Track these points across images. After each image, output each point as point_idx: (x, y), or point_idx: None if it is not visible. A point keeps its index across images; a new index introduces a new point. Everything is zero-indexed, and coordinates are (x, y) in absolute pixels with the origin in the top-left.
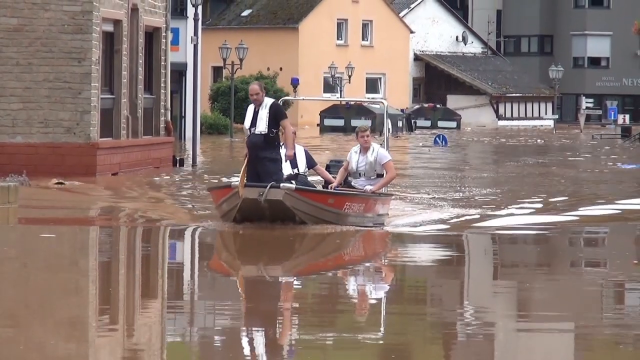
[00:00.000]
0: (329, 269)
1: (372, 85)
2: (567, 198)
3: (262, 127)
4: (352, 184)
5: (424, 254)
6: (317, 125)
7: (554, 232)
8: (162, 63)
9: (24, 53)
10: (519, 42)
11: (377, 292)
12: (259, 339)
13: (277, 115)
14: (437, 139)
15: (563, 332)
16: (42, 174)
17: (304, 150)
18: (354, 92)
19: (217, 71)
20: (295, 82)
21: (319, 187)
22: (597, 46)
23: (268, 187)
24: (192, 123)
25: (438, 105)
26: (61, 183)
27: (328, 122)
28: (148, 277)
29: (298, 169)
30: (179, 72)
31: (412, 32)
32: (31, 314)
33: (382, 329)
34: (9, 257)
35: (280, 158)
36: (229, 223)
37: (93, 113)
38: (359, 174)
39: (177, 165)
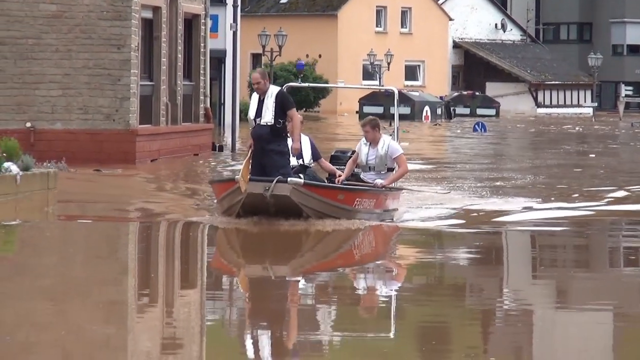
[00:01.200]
0: (347, 265)
1: (411, 72)
2: (606, 188)
3: (268, 117)
4: (362, 177)
5: (435, 252)
6: (356, 112)
7: (592, 227)
8: (202, 50)
9: (63, 40)
10: (558, 29)
11: (392, 286)
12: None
13: (284, 105)
14: (476, 126)
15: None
16: (81, 160)
17: (310, 140)
18: (392, 80)
19: (256, 58)
20: (300, 67)
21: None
22: (636, 33)
23: (274, 181)
24: (231, 110)
25: (477, 93)
26: (98, 170)
27: (367, 109)
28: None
29: (303, 160)
30: (218, 59)
31: (451, 19)
32: (71, 298)
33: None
34: (49, 242)
35: (288, 150)
36: (237, 219)
37: (132, 100)
38: (369, 167)
39: (217, 151)
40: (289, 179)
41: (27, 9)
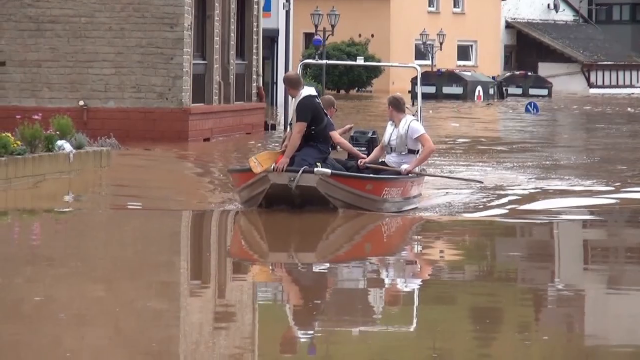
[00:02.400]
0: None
1: (464, 52)
2: None
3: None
4: (386, 160)
5: (476, 243)
6: (409, 92)
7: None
8: (254, 29)
9: (117, 18)
10: (611, 10)
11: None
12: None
13: (296, 114)
14: (528, 106)
15: None
16: (134, 139)
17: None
18: (445, 60)
19: (308, 37)
20: (316, 44)
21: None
22: None
23: (300, 171)
24: (284, 89)
25: (529, 73)
26: (149, 149)
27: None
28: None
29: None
30: (270, 39)
31: None
32: (123, 276)
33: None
34: (99, 226)
35: (325, 150)
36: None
37: (185, 78)
38: (391, 148)
39: (269, 130)
40: (315, 169)
41: None
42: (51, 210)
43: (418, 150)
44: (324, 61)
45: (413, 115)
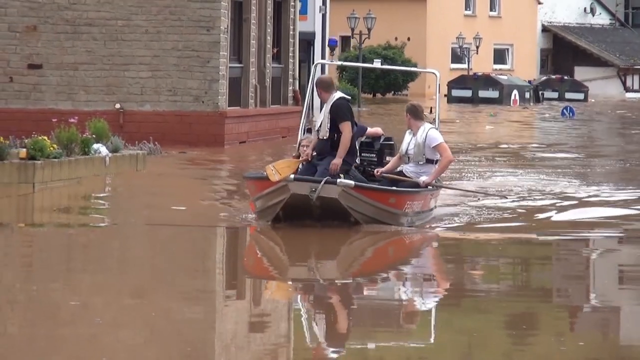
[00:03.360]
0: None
1: (500, 56)
2: None
3: (324, 130)
4: (401, 169)
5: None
6: (445, 95)
7: None
8: (291, 32)
9: (153, 21)
10: None
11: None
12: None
13: (335, 117)
14: (564, 110)
15: None
16: (170, 142)
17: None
18: (481, 63)
19: (345, 41)
20: (332, 44)
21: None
22: None
23: (322, 182)
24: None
25: (565, 77)
26: (184, 152)
27: (456, 92)
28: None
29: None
30: (307, 42)
31: (540, 2)
32: (157, 288)
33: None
34: (134, 240)
35: (350, 162)
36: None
37: (221, 82)
38: (408, 157)
39: (305, 133)
40: (338, 180)
41: None
42: (86, 225)
43: (436, 160)
44: (340, 62)
45: (432, 122)
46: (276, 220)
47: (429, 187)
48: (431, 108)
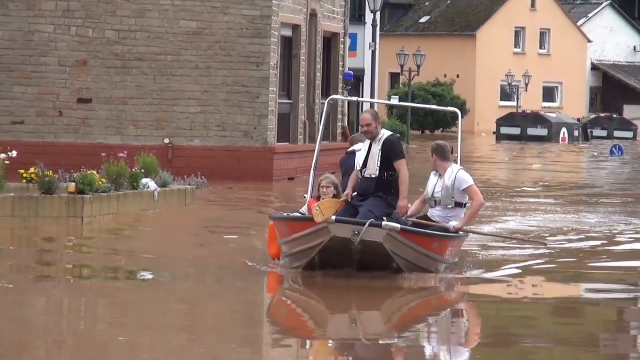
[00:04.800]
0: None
1: (549, 94)
2: None
3: (373, 169)
4: (428, 214)
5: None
6: (494, 133)
7: None
8: (340, 69)
9: (203, 57)
10: None
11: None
12: None
13: (390, 154)
14: (613, 149)
15: None
16: (219, 177)
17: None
18: (530, 101)
19: (394, 77)
20: (347, 78)
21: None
22: None
23: (367, 224)
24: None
25: (614, 115)
26: (231, 188)
27: (504, 130)
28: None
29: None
30: (356, 78)
31: (589, 41)
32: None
33: None
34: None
35: (393, 204)
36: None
37: (270, 118)
38: (435, 201)
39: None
40: (383, 223)
41: (167, 25)
42: (133, 254)
43: (465, 204)
44: (354, 98)
45: (455, 163)
46: (309, 267)
47: (459, 233)
48: (452, 148)
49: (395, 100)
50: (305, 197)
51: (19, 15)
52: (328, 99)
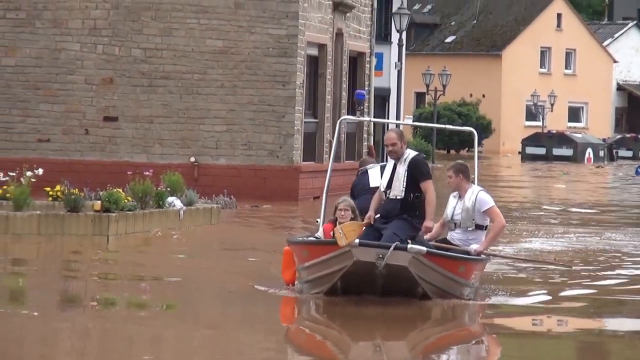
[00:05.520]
0: None
1: (574, 114)
2: None
3: (398, 189)
4: (447, 237)
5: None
6: (519, 153)
7: None
8: (366, 88)
9: (229, 75)
10: None
11: None
12: None
13: (416, 174)
14: (638, 169)
15: None
16: (244, 196)
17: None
18: (556, 121)
19: (419, 97)
20: (360, 97)
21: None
22: None
23: (392, 247)
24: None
25: None
26: (256, 206)
27: (530, 150)
28: None
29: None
30: (382, 97)
31: (615, 61)
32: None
33: None
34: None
35: (418, 226)
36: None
37: (296, 137)
38: (455, 224)
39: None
40: (409, 246)
41: (193, 44)
42: (159, 279)
43: (486, 226)
44: (366, 118)
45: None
46: (331, 293)
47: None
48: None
49: (408, 120)
50: (317, 222)
51: (45, 33)
52: (340, 119)
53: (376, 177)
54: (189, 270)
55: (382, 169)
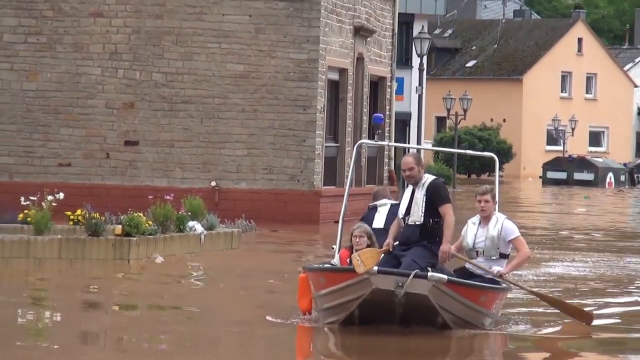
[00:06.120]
0: None
1: (595, 138)
2: None
3: (416, 215)
4: (466, 265)
5: None
6: (540, 177)
7: None
8: (387, 112)
9: (250, 100)
10: None
11: None
12: None
13: (435, 198)
14: None
15: None
16: (265, 220)
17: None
18: (576, 145)
19: (440, 121)
20: (377, 121)
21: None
22: None
23: (411, 275)
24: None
25: None
26: (275, 231)
27: (550, 174)
28: None
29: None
30: (402, 122)
31: (636, 85)
32: None
33: None
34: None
35: (438, 253)
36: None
37: (317, 161)
38: (477, 252)
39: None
40: (429, 274)
41: (214, 68)
42: (178, 308)
43: (508, 254)
44: (384, 142)
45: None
46: (347, 322)
47: (502, 281)
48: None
49: (428, 145)
50: (333, 248)
51: (66, 58)
52: (357, 143)
53: (381, 219)
54: (207, 299)
55: (392, 207)
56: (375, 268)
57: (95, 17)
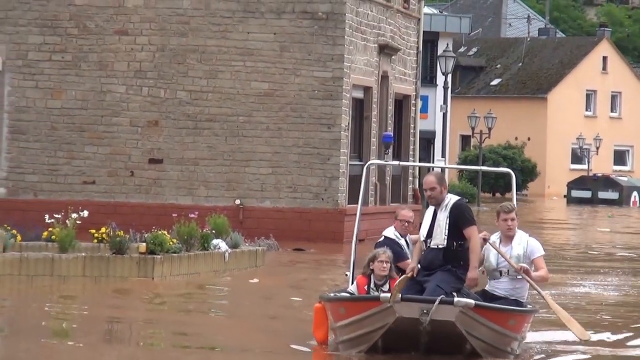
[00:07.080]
0: None
1: (620, 157)
2: None
3: (439, 238)
4: (487, 288)
5: None
6: (564, 196)
7: None
8: (411, 130)
9: (274, 118)
10: None
11: None
12: None
13: (459, 220)
14: None
15: None
16: (289, 238)
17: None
18: (601, 164)
19: (465, 140)
20: (387, 140)
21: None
22: None
23: (437, 301)
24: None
25: None
26: (300, 249)
27: (575, 193)
28: None
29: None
30: (427, 140)
31: None
32: None
33: None
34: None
35: (463, 278)
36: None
37: (341, 179)
38: (500, 272)
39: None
40: (455, 299)
41: (239, 86)
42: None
43: None
44: (396, 162)
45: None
46: (371, 350)
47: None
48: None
49: (441, 163)
50: (346, 275)
51: (91, 76)
52: (367, 164)
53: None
54: (229, 328)
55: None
56: (400, 295)
57: (120, 35)
